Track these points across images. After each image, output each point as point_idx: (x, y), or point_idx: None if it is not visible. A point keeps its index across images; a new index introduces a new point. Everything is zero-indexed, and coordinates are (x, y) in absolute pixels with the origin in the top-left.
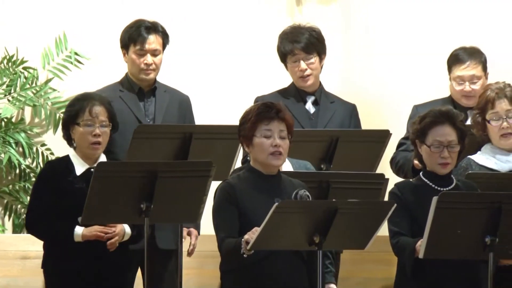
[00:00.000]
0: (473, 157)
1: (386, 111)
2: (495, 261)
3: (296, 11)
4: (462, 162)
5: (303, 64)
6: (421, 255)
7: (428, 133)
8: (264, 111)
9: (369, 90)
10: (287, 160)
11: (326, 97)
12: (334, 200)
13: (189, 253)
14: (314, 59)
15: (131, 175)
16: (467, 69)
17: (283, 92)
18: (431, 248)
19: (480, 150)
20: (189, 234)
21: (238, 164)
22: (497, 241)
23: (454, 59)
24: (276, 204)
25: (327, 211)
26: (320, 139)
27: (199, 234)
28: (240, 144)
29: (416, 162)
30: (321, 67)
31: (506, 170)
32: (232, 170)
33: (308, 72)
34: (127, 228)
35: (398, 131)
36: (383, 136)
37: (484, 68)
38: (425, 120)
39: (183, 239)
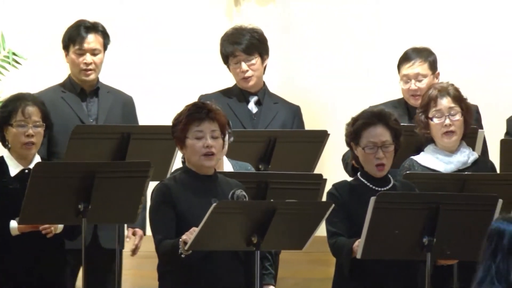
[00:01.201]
0: (416, 157)
1: (327, 111)
2: (433, 261)
3: (235, 12)
4: (405, 162)
5: (244, 66)
6: (358, 255)
7: (361, 135)
8: (194, 112)
9: (309, 90)
10: (228, 161)
11: (270, 98)
12: (272, 200)
13: (133, 253)
14: (255, 60)
15: (69, 176)
16: (412, 67)
17: (226, 92)
18: (369, 248)
19: (421, 150)
20: (134, 234)
21: (177, 163)
22: (435, 242)
23: (403, 58)
24: (214, 204)
25: (265, 212)
26: (258, 139)
27: (144, 234)
28: None
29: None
30: (264, 68)
31: (448, 171)
32: (170, 170)
33: (249, 73)
34: None
35: (338, 132)
36: (321, 136)
37: (432, 68)
38: (358, 122)
39: (128, 239)
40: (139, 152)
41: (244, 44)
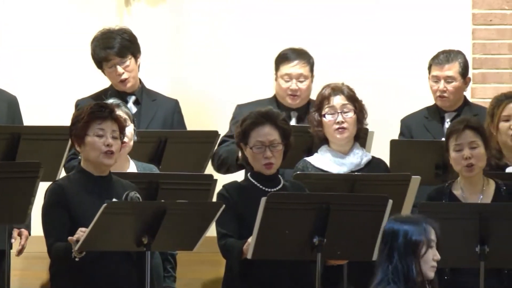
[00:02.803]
0: (309, 159)
1: (219, 111)
2: (323, 261)
3: (125, 12)
4: (298, 164)
5: (119, 69)
6: (249, 255)
7: (250, 134)
8: (97, 110)
9: (201, 91)
10: (132, 162)
11: (148, 95)
12: (162, 201)
13: (18, 253)
14: (129, 62)
15: None
16: (295, 67)
17: (104, 94)
18: (260, 248)
19: (312, 151)
20: (19, 234)
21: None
22: (325, 242)
23: (283, 58)
24: (105, 204)
25: (156, 212)
26: (149, 140)
27: (29, 234)
28: (68, 145)
29: (240, 155)
30: (138, 67)
31: (341, 173)
32: (60, 171)
33: (125, 75)
34: None
35: (225, 130)
36: (212, 136)
37: (311, 70)
38: (246, 122)
39: (14, 240)
40: (29, 153)
41: (117, 48)
